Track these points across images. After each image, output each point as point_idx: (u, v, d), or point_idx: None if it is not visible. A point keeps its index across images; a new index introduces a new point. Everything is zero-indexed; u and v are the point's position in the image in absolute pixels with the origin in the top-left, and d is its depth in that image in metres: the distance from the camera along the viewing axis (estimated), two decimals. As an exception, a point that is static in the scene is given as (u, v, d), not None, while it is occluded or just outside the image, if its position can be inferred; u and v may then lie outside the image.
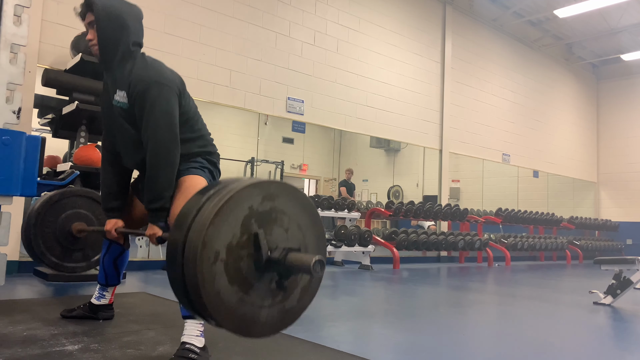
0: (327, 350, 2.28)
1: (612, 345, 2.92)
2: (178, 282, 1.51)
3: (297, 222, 1.66)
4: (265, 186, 1.59)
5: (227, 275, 1.47)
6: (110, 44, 2.16)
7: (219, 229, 1.46)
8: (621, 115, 13.17)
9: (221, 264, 1.46)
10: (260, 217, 1.55)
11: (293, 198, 1.65)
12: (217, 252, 1.46)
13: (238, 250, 1.50)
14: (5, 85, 1.48)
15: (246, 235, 1.52)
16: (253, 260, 1.53)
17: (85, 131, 4.60)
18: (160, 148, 2.09)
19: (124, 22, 2.17)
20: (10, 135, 1.54)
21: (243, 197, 1.52)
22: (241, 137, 10.35)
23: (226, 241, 1.48)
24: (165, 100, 2.11)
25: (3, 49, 1.46)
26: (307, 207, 1.69)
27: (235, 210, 1.50)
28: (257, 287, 1.54)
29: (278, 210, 1.60)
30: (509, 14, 10.22)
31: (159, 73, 2.16)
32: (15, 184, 1.59)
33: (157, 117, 2.09)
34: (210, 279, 1.44)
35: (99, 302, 2.61)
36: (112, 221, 2.39)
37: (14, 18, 1.47)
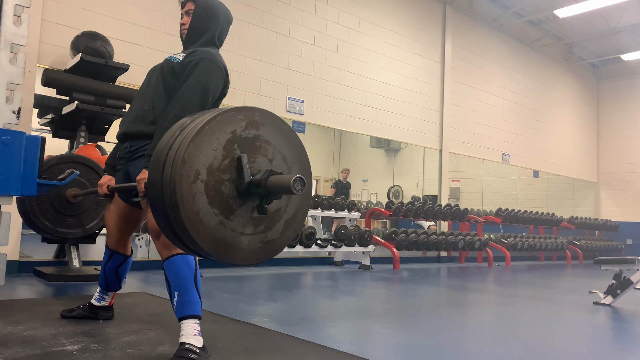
0: (327, 350, 2.28)
1: (612, 345, 2.92)
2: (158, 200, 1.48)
3: (282, 154, 1.62)
4: (249, 112, 1.56)
5: (207, 196, 1.45)
6: (198, 32, 2.35)
7: (200, 148, 1.44)
8: (621, 115, 13.17)
9: (201, 184, 1.44)
10: (243, 142, 1.52)
11: (279, 129, 1.62)
12: (198, 171, 1.44)
13: (219, 173, 1.48)
14: (5, 85, 1.48)
15: (229, 159, 1.49)
16: (235, 185, 1.50)
17: (85, 131, 4.60)
18: (186, 104, 2.10)
19: (217, 18, 2.38)
20: (10, 135, 1.54)
21: (226, 119, 1.50)
22: (241, 137, 10.32)
23: (207, 162, 1.46)
24: (210, 75, 2.21)
25: (3, 49, 1.46)
26: (293, 141, 1.65)
27: (217, 132, 1.47)
28: (239, 213, 1.51)
29: (262, 139, 1.57)
30: (509, 14, 10.22)
31: (218, 58, 2.29)
32: (15, 184, 1.59)
33: (197, 84, 2.15)
34: (190, 198, 1.42)
35: (98, 304, 2.61)
36: (107, 177, 2.43)
37: (14, 18, 1.47)
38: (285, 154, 1.62)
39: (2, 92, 1.48)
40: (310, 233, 6.04)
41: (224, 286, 4.39)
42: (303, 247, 5.99)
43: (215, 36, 2.38)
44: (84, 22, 5.02)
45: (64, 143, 5.06)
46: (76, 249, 4.30)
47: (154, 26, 5.58)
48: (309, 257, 6.96)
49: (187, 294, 2.00)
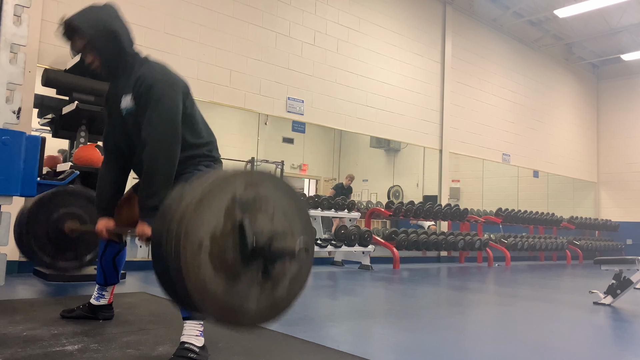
0: (327, 350, 2.28)
1: (612, 345, 2.92)
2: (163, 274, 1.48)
3: (283, 209, 1.62)
4: (247, 174, 1.57)
5: (212, 265, 1.44)
6: (113, 60, 2.19)
7: (202, 217, 1.43)
8: (621, 115, 13.17)
9: (205, 254, 1.43)
10: (244, 205, 1.52)
11: (277, 185, 1.63)
12: (201, 241, 1.43)
13: (222, 239, 1.47)
14: (5, 85, 1.48)
15: (230, 224, 1.49)
16: (238, 249, 1.49)
17: (85, 131, 4.60)
18: (160, 143, 2.05)
19: (115, 31, 2.16)
20: (10, 135, 1.54)
21: (225, 184, 1.50)
22: (241, 137, 10.34)
23: (210, 230, 1.45)
24: (169, 97, 2.09)
25: (3, 49, 1.46)
26: (291, 194, 1.66)
27: (217, 199, 1.47)
28: (244, 276, 1.51)
29: (262, 197, 1.57)
30: (509, 14, 10.22)
31: (164, 72, 2.17)
32: (15, 184, 1.59)
33: (160, 113, 2.06)
34: (195, 270, 1.41)
35: (98, 303, 2.61)
36: (103, 221, 2.37)
37: (14, 18, 1.47)
38: (285, 207, 1.62)
39: (2, 92, 1.48)
40: (310, 233, 6.03)
41: (224, 286, 4.38)
42: (303, 247, 5.98)
43: (128, 49, 2.22)
44: (84, 22, 5.02)
45: (64, 143, 5.06)
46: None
47: (154, 26, 5.58)
48: (309, 257, 6.95)
49: None
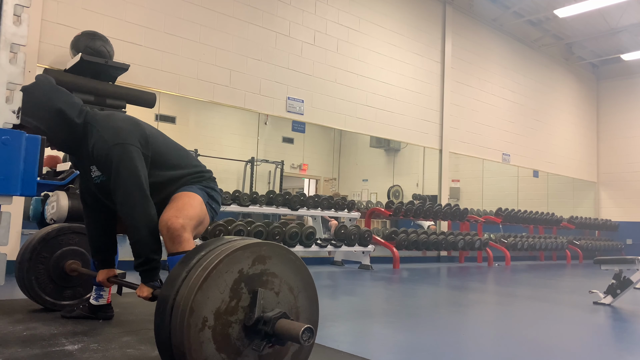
0: (327, 350, 2.28)
1: (612, 345, 2.92)
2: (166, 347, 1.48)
3: (289, 285, 1.62)
4: (256, 248, 1.55)
5: (214, 342, 1.44)
6: (61, 137, 2.12)
7: (207, 294, 1.43)
8: (621, 115, 13.17)
9: (209, 331, 1.43)
10: (250, 280, 1.52)
11: (285, 260, 1.62)
12: (205, 318, 1.42)
13: (227, 316, 1.47)
14: (5, 85, 1.48)
15: (236, 300, 1.48)
16: (242, 326, 1.49)
17: (85, 131, 4.59)
18: (134, 210, 2.03)
19: (55, 110, 2.07)
20: (10, 135, 1.54)
21: (233, 259, 1.49)
22: (241, 137, 10.34)
23: (214, 307, 1.44)
24: (127, 160, 2.05)
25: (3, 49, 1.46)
26: (299, 269, 1.66)
27: (224, 274, 1.47)
28: (246, 353, 1.50)
29: (269, 272, 1.57)
30: (509, 13, 10.22)
31: (115, 133, 2.09)
32: (15, 184, 1.59)
33: (124, 180, 2.03)
34: (197, 347, 1.41)
35: (97, 303, 2.61)
36: (104, 271, 2.43)
37: (13, 18, 1.47)
38: (291, 284, 1.63)
39: (2, 91, 1.48)
40: (310, 233, 6.04)
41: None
42: (303, 247, 5.99)
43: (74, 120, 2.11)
44: (84, 22, 5.02)
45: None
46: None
47: (154, 26, 5.58)
48: (309, 257, 6.96)
49: None
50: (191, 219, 2.07)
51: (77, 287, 2.89)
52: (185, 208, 2.08)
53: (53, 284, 2.81)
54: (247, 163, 10.02)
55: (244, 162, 10.04)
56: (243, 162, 10.05)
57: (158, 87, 5.57)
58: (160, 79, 5.61)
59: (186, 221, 2.02)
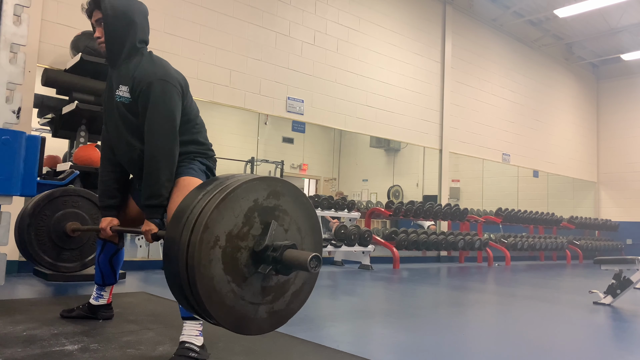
0: (327, 350, 2.28)
1: (612, 345, 2.92)
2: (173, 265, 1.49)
3: (298, 225, 1.66)
4: (272, 182, 1.60)
5: (223, 263, 1.47)
6: (118, 42, 2.19)
7: (223, 214, 1.46)
8: (621, 115, 13.17)
9: (219, 250, 1.46)
10: (263, 211, 1.56)
11: (297, 200, 1.66)
12: (217, 237, 1.46)
13: (237, 240, 1.50)
14: (5, 85, 1.48)
15: (247, 227, 1.52)
16: (251, 253, 1.52)
17: (85, 131, 4.60)
18: (160, 144, 2.08)
19: (132, 19, 2.19)
20: (10, 134, 1.54)
21: (250, 188, 1.53)
22: (241, 137, 10.34)
23: (227, 228, 1.48)
24: (168, 97, 2.11)
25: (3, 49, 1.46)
26: (309, 213, 1.70)
27: (241, 200, 1.51)
28: (250, 281, 1.53)
29: (281, 209, 1.61)
30: (509, 13, 10.22)
31: (164, 71, 2.17)
32: (15, 184, 1.59)
33: (159, 113, 2.09)
34: (207, 263, 1.44)
35: (97, 303, 2.61)
36: (107, 219, 2.36)
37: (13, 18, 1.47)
38: (300, 225, 1.67)
39: (2, 91, 1.48)
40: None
41: (224, 286, 4.38)
42: (303, 247, 5.98)
43: (137, 40, 2.22)
44: (84, 22, 4.99)
45: (64, 143, 5.06)
46: (76, 248, 4.30)
47: (154, 26, 5.55)
48: (309, 257, 6.95)
49: None
50: None
51: (79, 249, 2.88)
52: None
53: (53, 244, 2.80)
54: (247, 163, 10.02)
55: (244, 162, 10.04)
56: (243, 162, 10.04)
57: (158, 87, 5.55)
58: (160, 79, 5.60)
59: None
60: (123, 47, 2.20)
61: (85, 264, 2.96)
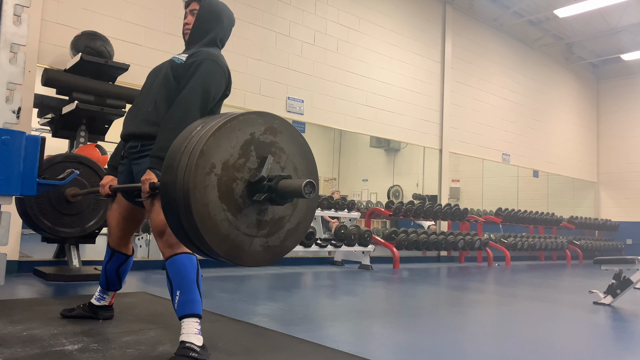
0: (327, 350, 2.28)
1: (612, 345, 2.92)
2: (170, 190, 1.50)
3: (294, 164, 1.66)
4: (269, 118, 1.60)
5: (218, 190, 1.47)
6: (202, 32, 2.39)
7: (219, 143, 1.47)
8: (621, 115, 13.17)
9: (215, 178, 1.47)
10: (260, 146, 1.56)
11: (295, 140, 1.67)
12: (213, 164, 1.46)
13: (233, 170, 1.51)
14: (5, 85, 1.48)
15: (244, 159, 1.53)
16: (246, 183, 1.53)
17: (85, 131, 4.60)
18: (189, 107, 2.13)
19: (221, 20, 2.43)
20: (10, 134, 1.54)
21: (247, 121, 1.54)
22: (241, 137, 10.32)
23: (224, 157, 1.49)
24: (214, 76, 2.23)
25: (3, 49, 1.46)
26: (306, 154, 1.70)
27: (237, 131, 1.51)
28: (245, 212, 1.54)
29: (278, 146, 1.61)
30: (509, 13, 10.22)
31: (220, 59, 2.32)
32: (15, 184, 1.59)
33: (200, 83, 2.18)
34: (202, 189, 1.44)
35: (99, 303, 2.61)
36: (109, 177, 2.43)
37: (13, 18, 1.47)
38: (297, 164, 1.66)
39: (2, 91, 1.48)
40: (310, 233, 6.04)
41: (224, 286, 4.39)
42: (303, 247, 5.99)
43: (217, 38, 2.43)
44: (84, 22, 5.02)
45: (64, 143, 5.06)
46: (76, 248, 4.30)
47: (154, 26, 5.58)
48: (308, 257, 6.96)
49: (189, 292, 2.01)
50: None
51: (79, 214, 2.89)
52: None
53: (53, 210, 2.80)
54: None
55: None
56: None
57: (158, 87, 5.56)
58: (160, 79, 5.60)
59: None
60: (204, 37, 2.38)
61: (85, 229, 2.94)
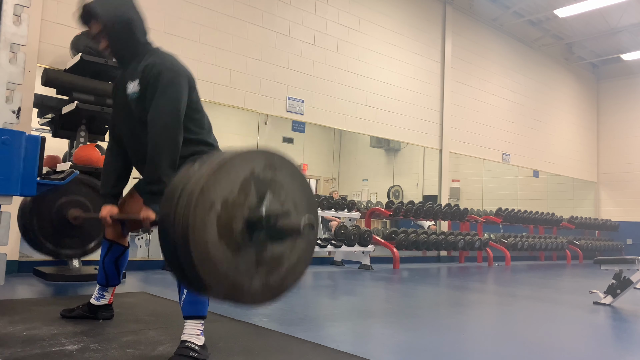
0: (327, 350, 2.28)
1: (612, 345, 2.92)
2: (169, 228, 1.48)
3: (294, 200, 1.65)
4: (269, 155, 1.60)
5: (217, 229, 1.46)
6: (124, 46, 2.22)
7: (219, 181, 1.46)
8: (621, 115, 13.17)
9: (214, 215, 1.45)
10: (259, 183, 1.56)
11: (295, 177, 1.66)
12: (213, 202, 1.45)
13: (232, 208, 1.49)
14: (5, 85, 1.48)
15: (243, 196, 1.52)
16: (245, 221, 1.52)
17: (85, 131, 4.60)
18: (164, 129, 2.07)
19: (130, 21, 2.19)
20: (10, 134, 1.54)
21: (247, 158, 1.54)
22: (241, 137, 10.35)
23: (223, 195, 1.47)
24: (176, 86, 2.12)
25: (3, 49, 1.46)
26: (306, 191, 1.69)
27: (237, 168, 1.51)
28: (245, 251, 1.52)
29: (277, 182, 1.60)
30: (509, 13, 10.22)
31: (173, 62, 2.20)
32: (15, 184, 1.59)
33: (166, 100, 2.09)
34: (202, 227, 1.42)
35: (98, 303, 2.60)
36: (108, 207, 2.38)
37: (13, 18, 1.47)
38: (296, 199, 1.65)
39: (2, 91, 1.48)
40: (310, 233, 6.03)
41: (224, 286, 4.38)
42: (303, 247, 5.97)
43: (141, 38, 2.25)
44: (83, 22, 5.02)
45: (64, 143, 5.06)
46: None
47: (154, 26, 5.55)
48: (309, 257, 6.95)
49: None
50: None
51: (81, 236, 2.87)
52: None
53: (53, 230, 2.78)
54: (247, 163, 10.00)
55: (244, 162, 10.02)
56: (243, 162, 10.02)
57: (158, 87, 5.55)
58: (160, 78, 5.60)
59: None
60: (130, 49, 2.22)
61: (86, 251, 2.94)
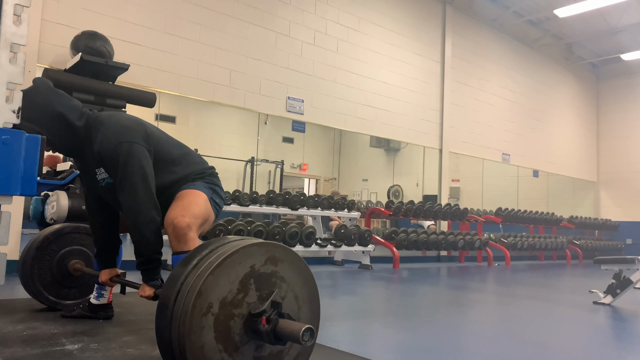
0: (327, 350, 2.28)
1: (612, 345, 2.92)
2: (165, 331, 1.46)
3: (295, 293, 1.62)
4: (271, 248, 1.56)
5: (214, 331, 1.43)
6: (67, 141, 2.14)
7: (218, 280, 1.43)
8: (621, 115, 13.17)
9: (211, 318, 1.42)
10: (260, 278, 1.52)
11: (297, 268, 1.63)
12: (211, 303, 1.42)
13: (231, 307, 1.46)
14: (5, 85, 1.48)
15: (242, 294, 1.48)
16: (244, 321, 1.48)
17: (85, 131, 4.59)
18: (138, 208, 2.04)
19: (55, 113, 2.07)
20: (10, 134, 1.54)
21: (248, 253, 1.50)
22: (241, 137, 10.35)
23: (222, 295, 1.44)
24: (133, 158, 2.05)
25: (3, 49, 1.46)
26: (308, 281, 1.67)
27: (237, 265, 1.47)
28: (242, 351, 1.48)
29: (279, 276, 1.57)
30: (509, 13, 10.22)
31: (118, 132, 2.10)
32: (15, 184, 1.59)
33: (130, 179, 2.04)
34: (198, 330, 1.40)
35: (98, 302, 2.60)
36: (107, 271, 2.44)
37: (13, 17, 1.47)
38: (297, 293, 1.63)
39: (2, 91, 1.48)
40: (310, 233, 6.04)
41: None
42: (303, 247, 5.99)
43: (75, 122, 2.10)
44: (84, 22, 5.02)
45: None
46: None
47: (154, 26, 5.58)
48: (308, 257, 6.96)
49: None
50: (197, 218, 2.08)
51: (79, 286, 2.87)
52: (190, 207, 2.09)
53: (53, 280, 2.79)
54: (247, 163, 10.02)
55: (244, 162, 10.05)
56: (243, 162, 10.05)
57: (158, 87, 5.56)
58: (160, 78, 5.61)
59: (192, 220, 2.04)
60: (72, 138, 2.13)
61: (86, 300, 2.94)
